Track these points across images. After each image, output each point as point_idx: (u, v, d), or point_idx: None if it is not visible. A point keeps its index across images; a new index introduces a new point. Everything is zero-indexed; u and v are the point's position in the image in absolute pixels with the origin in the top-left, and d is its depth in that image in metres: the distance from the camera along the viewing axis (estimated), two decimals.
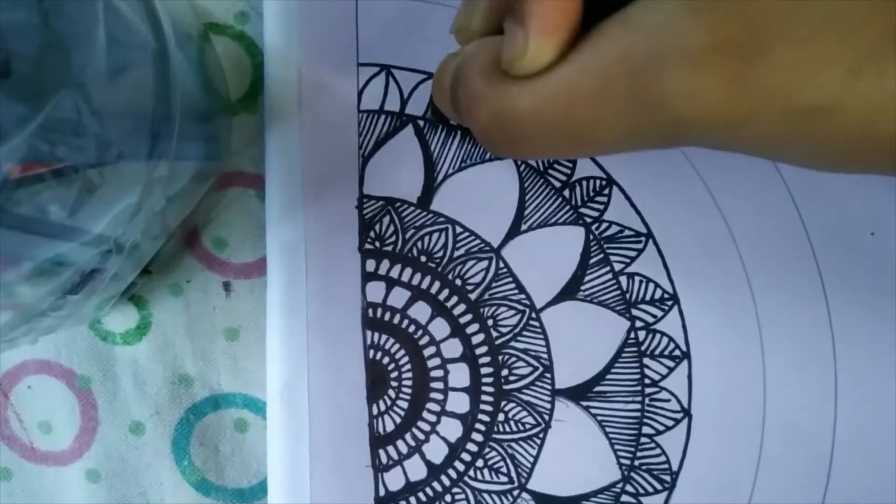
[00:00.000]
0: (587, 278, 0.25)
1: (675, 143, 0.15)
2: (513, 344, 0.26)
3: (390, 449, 0.26)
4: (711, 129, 0.14)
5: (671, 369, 0.25)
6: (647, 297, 0.25)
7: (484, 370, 0.26)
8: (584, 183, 0.26)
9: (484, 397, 0.26)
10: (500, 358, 0.26)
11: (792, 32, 0.13)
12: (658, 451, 0.25)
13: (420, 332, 0.26)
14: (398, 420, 0.26)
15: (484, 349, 0.26)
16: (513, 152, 0.19)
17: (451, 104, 0.19)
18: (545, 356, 0.25)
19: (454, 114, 0.20)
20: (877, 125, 0.13)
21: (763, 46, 0.13)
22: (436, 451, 0.26)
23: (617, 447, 0.25)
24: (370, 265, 0.26)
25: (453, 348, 0.26)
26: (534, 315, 0.26)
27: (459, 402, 0.26)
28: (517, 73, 0.16)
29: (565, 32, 0.16)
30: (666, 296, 0.25)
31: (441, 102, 0.21)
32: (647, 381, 0.25)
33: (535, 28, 0.15)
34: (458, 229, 0.26)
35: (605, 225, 0.25)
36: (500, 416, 0.26)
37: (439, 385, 0.26)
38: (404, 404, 0.26)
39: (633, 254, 0.25)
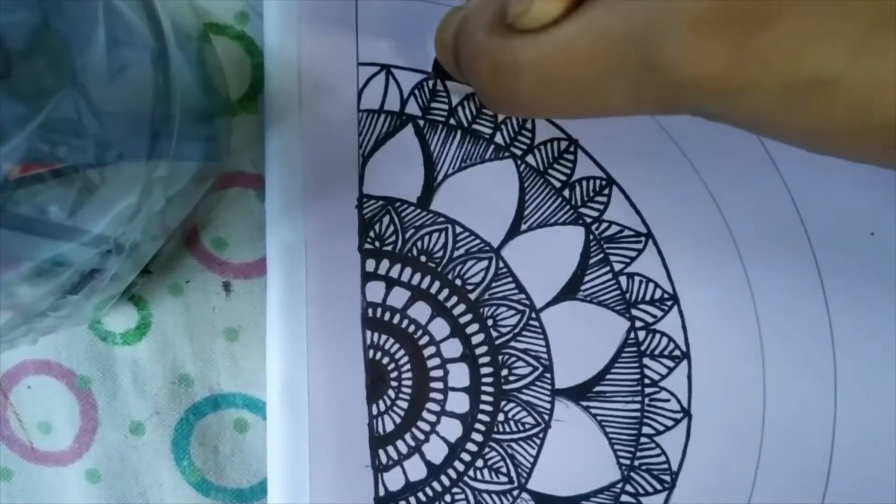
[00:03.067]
0: (587, 278, 0.25)
1: (674, 109, 0.15)
2: (513, 344, 0.26)
3: (390, 449, 0.26)
4: (710, 96, 0.14)
5: (671, 369, 0.25)
6: (647, 297, 0.25)
7: (484, 370, 0.26)
8: (584, 183, 0.26)
9: (484, 397, 0.26)
10: (500, 358, 0.26)
11: (798, 5, 0.13)
12: (658, 451, 0.25)
13: (420, 332, 0.26)
14: (398, 420, 0.26)
15: (484, 349, 0.26)
16: (512, 108, 0.19)
17: (452, 58, 0.19)
18: (545, 356, 0.25)
19: (455, 68, 0.20)
20: (874, 106, 0.13)
21: (768, 17, 0.13)
22: (435, 451, 0.26)
23: (617, 447, 0.25)
24: (370, 265, 0.26)
25: (453, 348, 0.26)
26: (534, 315, 0.26)
27: (459, 402, 0.26)
28: (521, 27, 0.16)
29: None
30: (666, 296, 0.25)
31: (443, 56, 0.21)
32: (646, 381, 0.25)
33: None
34: (458, 229, 0.26)
35: (604, 225, 0.25)
36: (500, 416, 0.26)
37: (439, 385, 0.26)
38: (404, 404, 0.26)
39: (632, 254, 0.25)
